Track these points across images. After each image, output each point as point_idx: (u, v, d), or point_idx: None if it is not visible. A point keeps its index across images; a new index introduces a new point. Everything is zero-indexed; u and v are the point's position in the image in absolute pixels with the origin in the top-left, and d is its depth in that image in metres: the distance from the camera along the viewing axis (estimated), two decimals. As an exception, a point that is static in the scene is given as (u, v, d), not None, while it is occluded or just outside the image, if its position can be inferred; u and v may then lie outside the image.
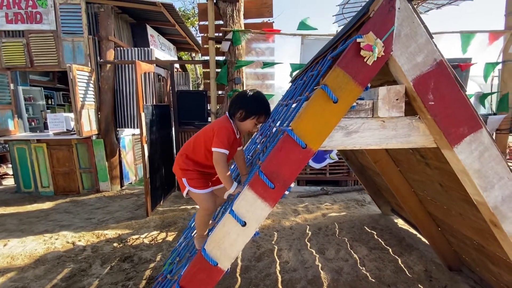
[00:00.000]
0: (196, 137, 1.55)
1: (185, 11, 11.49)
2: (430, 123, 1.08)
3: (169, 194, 4.61)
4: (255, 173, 1.12)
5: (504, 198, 1.08)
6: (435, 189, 1.95)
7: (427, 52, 1.01)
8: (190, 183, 1.51)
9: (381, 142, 1.14)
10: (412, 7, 1.00)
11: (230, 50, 4.25)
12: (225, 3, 4.10)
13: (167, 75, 4.85)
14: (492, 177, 1.07)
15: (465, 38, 4.47)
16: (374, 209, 4.01)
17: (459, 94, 1.04)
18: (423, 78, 1.02)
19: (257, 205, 1.09)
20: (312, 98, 1.05)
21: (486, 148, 1.06)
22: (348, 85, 1.02)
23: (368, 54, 0.98)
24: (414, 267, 2.57)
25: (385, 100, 1.08)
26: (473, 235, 1.81)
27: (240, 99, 1.49)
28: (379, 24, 0.99)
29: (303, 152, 1.07)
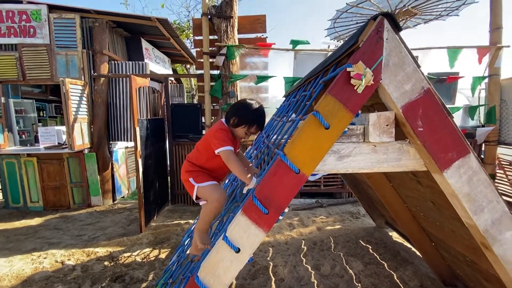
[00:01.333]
0: (197, 145, 1.63)
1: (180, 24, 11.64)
2: (420, 148, 1.10)
3: (163, 209, 4.54)
4: (249, 198, 1.12)
5: (494, 221, 1.10)
6: (427, 206, 1.98)
7: (415, 81, 1.05)
8: (197, 180, 1.53)
9: (373, 166, 1.16)
10: (400, 37, 1.04)
11: (224, 65, 4.31)
12: (219, 19, 4.18)
13: (161, 88, 4.87)
14: (482, 201, 1.09)
15: (452, 53, 4.63)
16: (368, 222, 4.01)
17: (447, 120, 1.07)
18: (411, 105, 1.05)
19: (251, 231, 1.09)
20: (305, 124, 1.07)
21: (475, 173, 1.08)
22: (339, 111, 1.04)
23: (358, 83, 1.01)
24: (409, 283, 2.57)
25: (375, 126, 1.11)
26: (466, 252, 1.82)
27: (238, 106, 1.57)
28: (368, 54, 1.03)
29: (297, 177, 1.07)
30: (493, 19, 4.78)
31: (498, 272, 1.19)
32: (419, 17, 8.29)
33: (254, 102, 1.55)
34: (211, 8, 4.28)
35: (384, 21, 1.02)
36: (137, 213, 4.41)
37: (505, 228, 1.09)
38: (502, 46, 4.67)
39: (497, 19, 4.77)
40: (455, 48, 4.62)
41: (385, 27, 1.02)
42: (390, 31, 1.03)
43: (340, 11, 7.80)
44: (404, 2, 7.16)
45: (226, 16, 4.17)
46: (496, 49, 4.69)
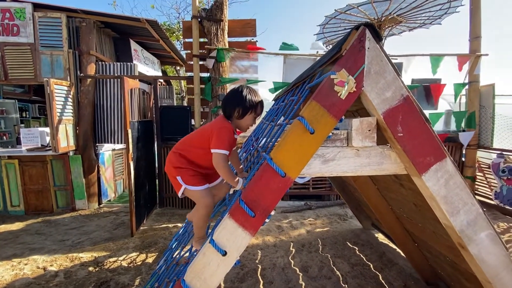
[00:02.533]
0: (191, 137, 1.51)
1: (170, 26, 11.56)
2: (400, 152, 1.15)
3: (151, 212, 4.48)
4: (235, 202, 1.13)
5: (469, 222, 1.15)
6: (410, 208, 2.04)
7: (395, 88, 1.09)
8: (186, 181, 1.44)
9: (356, 169, 1.20)
10: (380, 47, 1.08)
11: (214, 67, 4.31)
12: (209, 22, 4.19)
13: (150, 90, 4.82)
14: (458, 203, 1.15)
15: (435, 61, 4.81)
16: (355, 224, 4.09)
17: (425, 126, 1.12)
18: (392, 112, 1.10)
19: (237, 234, 1.10)
20: (291, 128, 1.10)
21: (451, 176, 1.14)
22: (324, 117, 1.08)
23: (341, 90, 1.05)
24: (394, 283, 2.63)
25: (358, 131, 1.15)
26: (446, 252, 1.89)
27: (233, 98, 1.46)
28: (351, 62, 1.07)
29: (283, 181, 1.10)
30: (473, 28, 5.00)
31: (474, 271, 1.25)
32: (404, 24, 8.57)
33: (243, 87, 1.48)
34: (201, 11, 4.29)
35: (366, 31, 1.06)
36: (124, 216, 4.33)
37: (480, 228, 1.15)
38: (481, 54, 4.90)
39: (476, 29, 5.00)
40: (437, 56, 4.80)
41: (366, 36, 1.06)
42: (371, 41, 1.07)
43: (328, 17, 7.97)
44: (390, 10, 7.39)
45: (216, 19, 4.19)
46: (475, 57, 4.90)
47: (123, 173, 5.83)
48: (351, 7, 7.20)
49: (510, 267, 1.16)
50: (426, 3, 7.12)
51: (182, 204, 4.74)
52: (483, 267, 1.17)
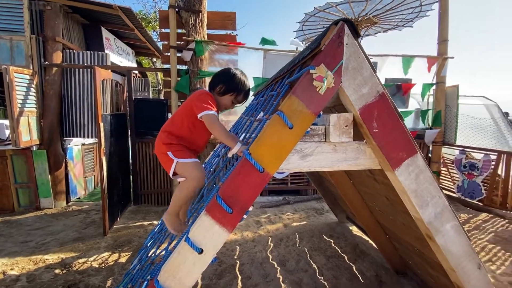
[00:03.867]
0: (176, 113, 1.53)
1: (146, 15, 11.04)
2: (375, 148, 1.18)
3: (125, 210, 4.29)
4: (212, 198, 1.10)
5: (437, 215, 1.22)
6: (382, 202, 2.13)
7: (371, 85, 1.12)
8: (177, 154, 1.42)
9: (333, 164, 1.21)
10: (358, 43, 1.10)
11: (192, 60, 4.18)
12: (187, 13, 4.05)
13: (124, 82, 4.58)
14: (427, 196, 1.21)
15: (406, 61, 5.04)
16: (331, 217, 4.21)
17: (398, 123, 1.16)
18: (368, 108, 1.12)
19: (214, 231, 1.07)
20: (269, 123, 1.08)
21: (421, 171, 1.19)
22: (302, 112, 1.07)
23: (320, 85, 1.05)
24: (366, 273, 2.75)
25: (335, 127, 1.16)
26: (415, 243, 2.00)
27: (223, 74, 1.51)
28: (330, 57, 1.07)
29: (261, 176, 1.08)
30: (441, 32, 5.30)
31: (440, 259, 1.33)
32: (379, 26, 8.90)
33: (240, 71, 1.53)
34: (179, 1, 4.12)
35: (344, 26, 1.07)
36: (95, 215, 4.11)
37: (446, 220, 1.22)
38: (447, 57, 5.21)
39: (444, 33, 5.30)
40: (408, 57, 5.03)
41: (345, 32, 1.07)
42: (350, 37, 1.08)
43: (308, 15, 8.06)
44: (366, 11, 7.62)
45: (194, 10, 4.05)
46: (442, 59, 5.21)
47: (94, 169, 5.53)
48: (330, 5, 7.33)
49: (472, 256, 1.25)
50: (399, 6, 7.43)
51: (158, 201, 4.59)
52: (448, 256, 1.24)
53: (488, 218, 4.01)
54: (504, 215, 3.98)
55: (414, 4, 7.35)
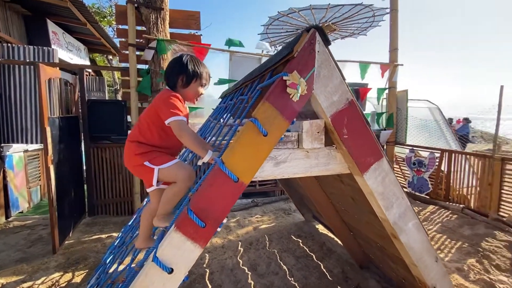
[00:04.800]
0: (141, 120, 1.39)
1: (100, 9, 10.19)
2: (345, 153, 1.21)
3: (79, 223, 3.87)
4: (183, 212, 1.02)
5: (400, 215, 1.29)
6: (348, 202, 2.23)
7: (341, 92, 1.14)
8: (156, 161, 1.28)
9: (306, 170, 1.22)
10: (329, 51, 1.12)
11: (154, 59, 3.95)
12: (148, 9, 3.81)
13: (75, 81, 4.14)
14: (392, 198, 1.28)
15: (363, 67, 5.40)
16: (299, 217, 4.31)
17: (366, 129, 1.20)
18: (338, 115, 1.15)
19: (186, 248, 0.99)
20: (243, 131, 1.04)
21: (387, 174, 1.26)
22: (276, 119, 1.05)
23: (293, 92, 1.04)
24: (333, 270, 2.86)
25: (308, 133, 1.16)
26: (377, 239, 2.13)
27: (176, 65, 1.39)
28: (302, 64, 1.07)
29: (236, 186, 1.04)
30: (391, 41, 5.80)
31: (403, 256, 1.42)
32: (337, 32, 9.43)
33: (184, 55, 1.41)
34: (138, -4, 3.86)
35: (316, 34, 1.08)
36: (42, 230, 3.64)
37: (408, 219, 1.30)
38: (398, 64, 5.71)
39: (394, 42, 5.81)
40: (365, 63, 5.40)
41: (317, 39, 1.08)
42: (321, 44, 1.09)
43: (272, 18, 8.20)
44: (326, 18, 8.00)
45: (156, 7, 3.84)
46: (393, 66, 5.70)
47: (40, 178, 4.90)
48: (292, 11, 7.55)
49: (430, 251, 1.35)
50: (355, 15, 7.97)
51: (118, 211, 4.24)
52: (411, 253, 1.33)
53: (435, 210, 4.47)
54: (447, 206, 4.47)
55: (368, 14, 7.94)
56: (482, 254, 2.99)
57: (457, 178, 4.51)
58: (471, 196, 4.32)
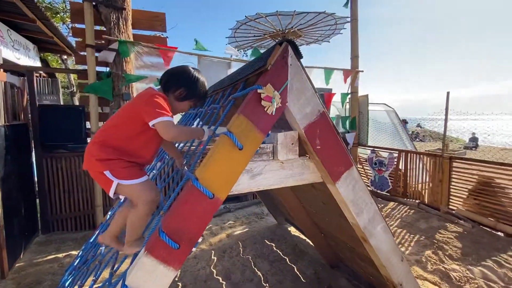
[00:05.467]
0: (114, 119, 1.23)
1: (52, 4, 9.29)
2: (318, 163, 1.25)
3: (31, 242, 3.46)
4: (153, 234, 0.96)
5: (370, 219, 1.36)
6: (319, 206, 2.30)
7: (313, 104, 1.17)
8: (118, 174, 1.13)
9: (281, 181, 1.23)
10: (301, 64, 1.14)
11: (116, 62, 3.71)
12: (108, 9, 3.57)
13: (23, 84, 3.72)
14: (361, 204, 1.34)
15: (327, 73, 5.66)
16: (271, 220, 4.35)
17: (337, 139, 1.25)
18: (311, 126, 1.18)
19: (158, 272, 0.93)
20: (218, 145, 1.02)
21: (356, 181, 1.32)
22: (252, 132, 1.04)
23: (268, 105, 1.04)
24: (306, 272, 2.92)
25: (283, 145, 1.17)
26: (347, 240, 2.23)
27: (183, 77, 1.28)
28: (276, 77, 1.07)
29: (211, 203, 1.00)
30: (352, 49, 6.15)
31: (372, 257, 1.50)
32: (303, 39, 9.78)
33: (198, 72, 1.31)
34: (96, -6, 3.60)
35: (288, 47, 1.09)
36: (-17, 254, 3.18)
37: (377, 223, 1.38)
38: (359, 70, 6.08)
39: (355, 50, 6.17)
40: (329, 69, 5.67)
41: (289, 53, 1.09)
42: (293, 58, 1.11)
43: (240, 22, 8.23)
44: (292, 24, 8.25)
45: (117, 6, 3.61)
46: (355, 72, 6.05)
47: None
48: (260, 16, 7.65)
49: (396, 251, 1.45)
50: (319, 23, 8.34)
51: (76, 226, 3.88)
52: (380, 255, 1.41)
53: (394, 206, 4.82)
54: (405, 202, 4.86)
55: (330, 22, 8.36)
56: (437, 246, 3.29)
57: (413, 176, 4.92)
58: (425, 192, 4.74)
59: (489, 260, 2.96)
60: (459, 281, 2.64)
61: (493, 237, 3.43)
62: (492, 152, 12.27)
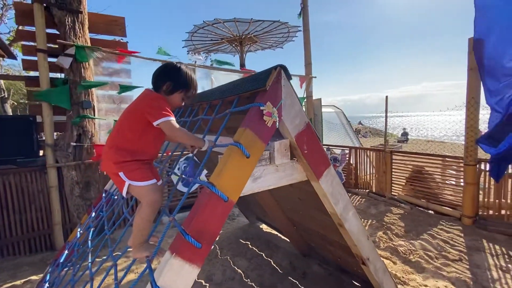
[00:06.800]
0: (122, 123, 1.35)
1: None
2: (305, 165, 1.50)
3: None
4: (178, 237, 1.08)
5: (344, 208, 1.67)
6: (294, 201, 2.58)
7: (301, 117, 1.42)
8: (131, 176, 1.28)
9: (277, 182, 1.45)
10: (290, 84, 1.37)
11: (72, 68, 3.47)
12: (62, 11, 3.32)
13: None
14: (338, 195, 1.64)
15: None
16: (243, 221, 4.54)
17: (319, 144, 1.52)
18: (300, 135, 1.42)
19: (185, 271, 1.06)
20: (229, 155, 1.18)
21: (334, 177, 1.61)
22: (256, 143, 1.24)
23: (269, 119, 1.25)
24: (282, 263, 3.20)
25: (278, 151, 1.39)
26: (319, 230, 2.55)
27: (168, 70, 1.41)
28: (273, 96, 1.29)
29: (226, 205, 1.16)
30: (306, 57, 6.72)
31: (346, 240, 1.82)
32: (259, 44, 10.21)
33: (184, 65, 1.45)
34: (46, -6, 3.31)
35: (281, 71, 1.32)
36: None
37: (349, 210, 1.69)
38: (312, 76, 6.67)
39: (308, 57, 6.75)
40: (288, 75, 6.11)
41: (282, 76, 1.32)
42: (285, 79, 1.34)
43: (197, 27, 8.23)
44: (249, 30, 8.58)
45: (72, 9, 3.38)
46: (309, 78, 6.62)
47: None
48: (217, 21, 7.79)
49: (364, 231, 1.79)
50: (273, 30, 8.84)
51: (32, 248, 3.49)
52: (352, 236, 1.73)
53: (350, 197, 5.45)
54: (357, 192, 5.54)
55: (283, 30, 8.94)
56: (386, 227, 3.90)
57: (362, 169, 5.64)
58: (372, 182, 5.49)
59: (425, 234, 3.64)
60: (405, 254, 3.22)
61: (427, 215, 4.21)
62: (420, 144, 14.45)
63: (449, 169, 4.29)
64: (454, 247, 3.32)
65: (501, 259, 3.03)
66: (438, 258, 3.12)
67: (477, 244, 3.36)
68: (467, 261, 3.03)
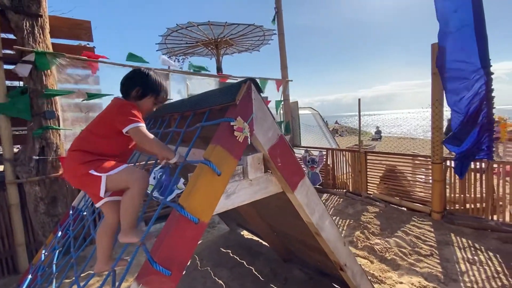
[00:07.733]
0: (90, 127, 1.32)
1: None
2: (279, 177, 1.49)
3: None
4: (144, 266, 1.02)
5: (320, 217, 1.68)
6: (272, 209, 2.57)
7: (273, 129, 1.40)
8: (102, 169, 1.21)
9: (251, 197, 1.42)
10: (261, 97, 1.35)
11: (32, 76, 3.22)
12: (18, 15, 3.07)
13: None
14: (313, 205, 1.64)
15: (262, 83, 6.11)
16: (223, 228, 4.47)
17: (293, 156, 1.51)
18: (273, 148, 1.40)
19: (154, 301, 1.00)
20: (199, 174, 1.13)
21: (308, 188, 1.61)
22: (228, 159, 1.20)
23: (240, 135, 1.22)
24: (263, 270, 3.18)
25: (251, 166, 1.36)
26: (299, 236, 2.56)
27: (135, 75, 1.40)
28: (243, 110, 1.26)
29: (197, 228, 1.11)
30: (282, 61, 6.79)
31: (324, 247, 1.83)
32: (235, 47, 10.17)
33: (149, 69, 1.44)
34: (-1, -3, 3.05)
35: (251, 84, 1.29)
36: None
37: (325, 219, 1.71)
38: (288, 80, 6.75)
39: (284, 61, 6.82)
40: (263, 79, 6.13)
41: (252, 89, 1.29)
42: (255, 92, 1.32)
43: (170, 29, 8.02)
44: (224, 33, 8.50)
45: (30, 13, 3.13)
46: (285, 81, 6.69)
47: None
48: (191, 24, 7.64)
49: (340, 238, 1.81)
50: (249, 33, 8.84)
51: None
52: (329, 244, 1.74)
53: (328, 197, 5.57)
54: (335, 193, 5.67)
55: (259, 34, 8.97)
56: (363, 226, 4.02)
57: (339, 169, 5.79)
58: (349, 182, 5.65)
59: (399, 231, 3.80)
60: (381, 252, 3.33)
61: (400, 212, 4.39)
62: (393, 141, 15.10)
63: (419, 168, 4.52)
64: (425, 242, 3.49)
65: (468, 252, 3.22)
66: (411, 255, 3.26)
67: (446, 238, 3.55)
68: (438, 256, 3.19)
